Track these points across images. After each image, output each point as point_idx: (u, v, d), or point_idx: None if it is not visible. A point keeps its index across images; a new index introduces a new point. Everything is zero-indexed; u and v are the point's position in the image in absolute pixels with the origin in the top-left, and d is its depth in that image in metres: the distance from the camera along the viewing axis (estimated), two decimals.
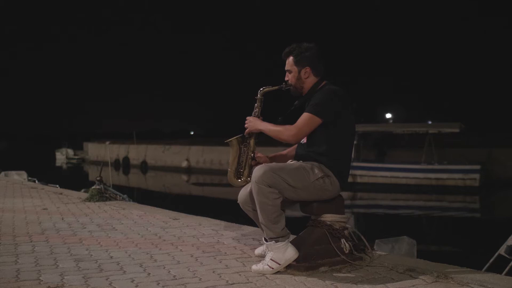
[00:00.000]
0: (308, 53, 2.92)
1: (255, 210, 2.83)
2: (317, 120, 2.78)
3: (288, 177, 2.70)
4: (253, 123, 2.96)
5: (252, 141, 3.00)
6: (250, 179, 2.81)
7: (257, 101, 3.02)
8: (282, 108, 3.09)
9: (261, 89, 3.01)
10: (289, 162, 2.97)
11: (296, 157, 2.99)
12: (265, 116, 3.02)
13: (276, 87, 3.01)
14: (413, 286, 2.48)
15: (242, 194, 3.00)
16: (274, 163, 2.84)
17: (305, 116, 2.81)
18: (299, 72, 2.94)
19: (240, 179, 3.03)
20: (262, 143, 3.11)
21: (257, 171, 2.69)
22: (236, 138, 3.02)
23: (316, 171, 2.77)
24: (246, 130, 2.99)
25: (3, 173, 12.39)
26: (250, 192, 2.87)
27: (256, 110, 3.01)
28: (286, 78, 2.99)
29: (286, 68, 2.99)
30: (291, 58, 2.96)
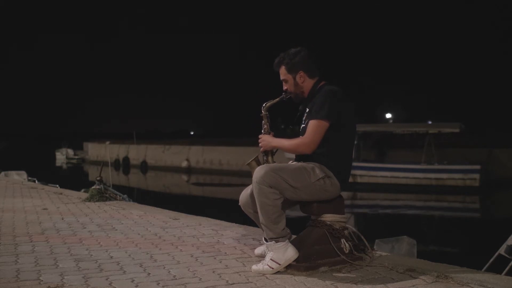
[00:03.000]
0: (297, 58, 2.93)
1: (256, 212, 2.83)
2: (325, 124, 2.78)
3: (289, 177, 2.70)
4: (266, 141, 2.96)
5: (270, 159, 2.99)
6: None
7: (263, 117, 3.02)
8: (287, 116, 3.10)
9: (263, 105, 3.02)
10: (290, 162, 2.97)
11: (297, 158, 2.99)
12: (273, 127, 3.03)
13: (278, 99, 3.02)
14: (413, 286, 2.48)
15: (244, 196, 3.00)
16: (275, 164, 2.84)
17: (312, 124, 2.81)
18: (294, 78, 2.95)
19: None
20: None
21: (258, 171, 2.69)
22: (254, 159, 3.02)
23: (317, 171, 2.77)
24: (261, 149, 2.99)
25: (3, 173, 12.39)
26: (251, 195, 2.87)
27: (265, 126, 3.02)
28: (284, 88, 3.01)
29: (281, 79, 3.01)
30: (283, 67, 2.97)
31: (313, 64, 2.96)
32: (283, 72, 2.98)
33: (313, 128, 2.80)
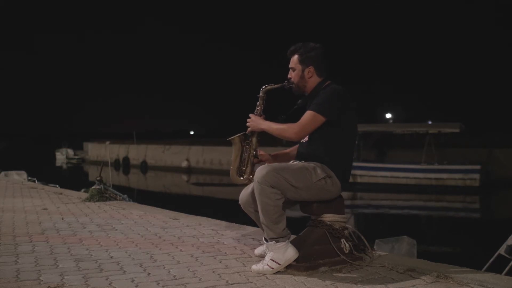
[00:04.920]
0: (313, 53, 2.93)
1: (256, 211, 2.82)
2: (321, 119, 2.78)
3: (290, 177, 2.70)
4: (255, 122, 2.95)
5: (254, 139, 3.00)
6: (252, 177, 2.82)
7: (259, 99, 3.01)
8: (284, 107, 3.09)
9: (263, 87, 3.01)
10: (291, 162, 2.97)
11: (298, 156, 2.99)
12: (268, 114, 3.02)
13: (279, 85, 3.00)
14: (413, 286, 2.48)
15: (244, 195, 2.99)
16: (276, 163, 2.83)
17: (308, 114, 2.81)
18: (303, 71, 2.94)
19: (243, 177, 3.03)
20: (261, 143, 3.10)
21: (260, 171, 2.69)
22: (238, 136, 3.02)
23: (319, 171, 2.77)
24: (248, 129, 2.98)
25: (3, 173, 12.39)
26: (252, 193, 2.86)
27: (258, 108, 3.01)
28: (289, 76, 2.99)
29: (290, 66, 2.99)
30: (296, 56, 2.96)
31: (325, 64, 2.97)
32: (294, 61, 2.97)
33: (307, 118, 2.80)
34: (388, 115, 39.09)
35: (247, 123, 2.98)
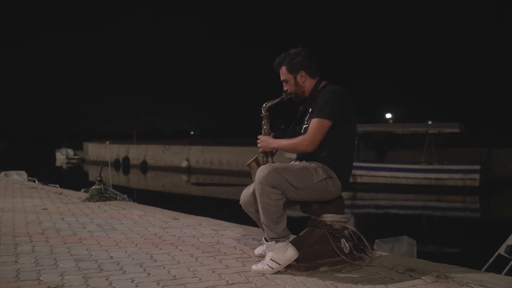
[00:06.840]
0: (298, 58, 2.93)
1: (257, 211, 2.83)
2: (327, 123, 2.78)
3: (291, 177, 2.70)
4: (266, 142, 2.95)
5: (270, 159, 2.98)
6: None
7: (263, 118, 3.01)
8: (287, 115, 3.09)
9: (263, 105, 3.01)
10: (292, 162, 2.97)
11: (299, 157, 2.99)
12: (272, 126, 3.02)
13: (278, 100, 3.01)
14: (413, 286, 2.48)
15: (244, 195, 2.99)
16: (277, 164, 2.83)
17: (314, 122, 2.80)
18: (295, 78, 2.95)
19: None
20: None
21: (261, 171, 2.69)
22: (254, 160, 3.02)
23: (320, 172, 2.77)
24: (260, 150, 2.98)
25: (3, 173, 12.39)
26: (252, 193, 2.86)
27: (265, 127, 3.01)
28: (285, 88, 3.01)
29: (282, 79, 3.01)
30: (283, 68, 2.97)
31: (314, 64, 2.96)
32: (283, 73, 2.98)
33: (315, 126, 2.80)
34: (388, 115, 39.12)
35: (258, 144, 2.98)
